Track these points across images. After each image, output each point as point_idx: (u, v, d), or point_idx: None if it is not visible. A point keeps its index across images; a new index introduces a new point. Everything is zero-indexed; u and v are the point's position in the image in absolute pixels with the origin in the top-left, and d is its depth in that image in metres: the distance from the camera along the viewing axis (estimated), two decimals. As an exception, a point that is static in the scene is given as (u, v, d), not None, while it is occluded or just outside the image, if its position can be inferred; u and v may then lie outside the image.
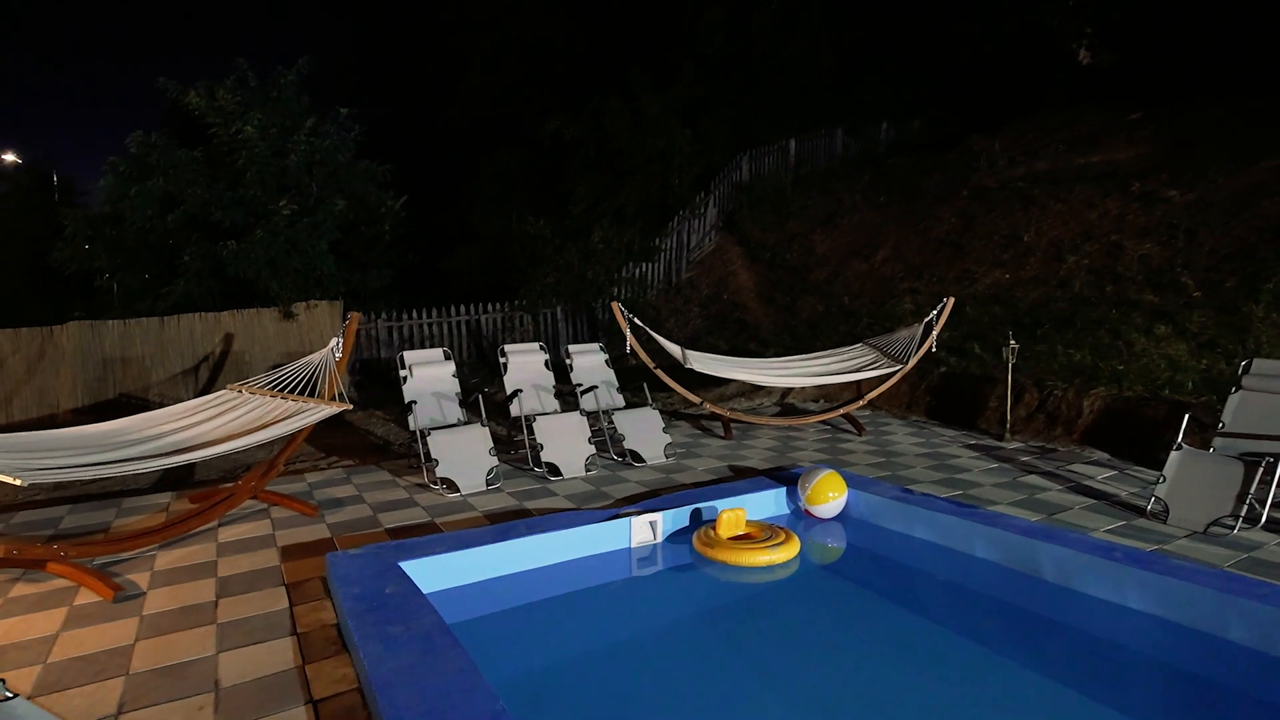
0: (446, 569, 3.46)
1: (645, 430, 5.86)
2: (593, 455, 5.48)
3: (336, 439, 6.91)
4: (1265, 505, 3.84)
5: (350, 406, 4.90)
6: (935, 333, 6.62)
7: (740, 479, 4.97)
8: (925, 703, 2.75)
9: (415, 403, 5.57)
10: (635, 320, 6.41)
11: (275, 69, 10.10)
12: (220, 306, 9.30)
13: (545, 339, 11.63)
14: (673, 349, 6.45)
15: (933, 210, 11.44)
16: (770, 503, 4.56)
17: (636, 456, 5.69)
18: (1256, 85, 10.42)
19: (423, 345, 11.13)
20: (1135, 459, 5.33)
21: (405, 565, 3.30)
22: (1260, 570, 3.29)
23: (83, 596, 3.30)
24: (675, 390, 6.56)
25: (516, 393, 5.88)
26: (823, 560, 4.23)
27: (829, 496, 4.33)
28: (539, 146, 15.73)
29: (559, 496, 4.84)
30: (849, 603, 3.77)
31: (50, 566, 3.39)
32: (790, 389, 8.29)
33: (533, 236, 12.19)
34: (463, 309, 11.63)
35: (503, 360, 6.15)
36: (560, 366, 6.42)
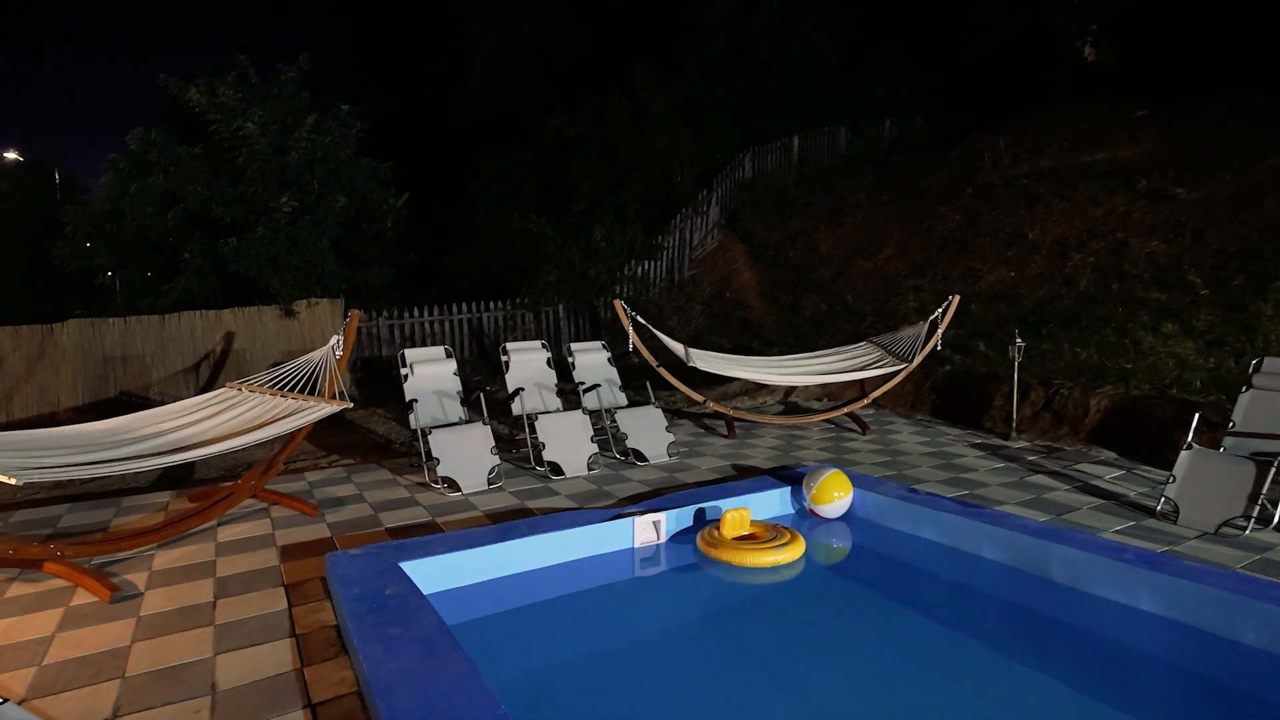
0: (447, 569, 3.42)
1: (648, 429, 5.81)
2: (595, 454, 5.44)
3: (337, 437, 6.87)
4: (1277, 506, 3.79)
5: (351, 405, 4.86)
6: (940, 331, 6.57)
7: (744, 478, 4.92)
8: (932, 705, 2.71)
9: (416, 401, 5.52)
10: (638, 318, 6.36)
11: (276, 66, 10.07)
12: (221, 304, 9.27)
13: (547, 337, 11.59)
14: (676, 347, 6.40)
15: (936, 208, 11.38)
16: (775, 502, 4.51)
17: (639, 455, 5.65)
18: (1262, 82, 10.34)
19: (424, 343, 11.08)
20: (1143, 458, 5.27)
21: (406, 566, 3.26)
22: (1273, 572, 3.24)
23: (80, 597, 3.26)
24: (678, 389, 6.51)
25: (518, 391, 5.84)
26: (828, 561, 4.18)
27: (834, 496, 4.28)
28: (541, 144, 15.69)
29: (561, 496, 4.80)
30: (855, 604, 3.73)
31: (47, 566, 3.35)
32: (794, 388, 8.24)
33: (535, 234, 12.14)
34: (464, 307, 11.59)
35: (504, 358, 6.10)
36: (562, 365, 6.38)
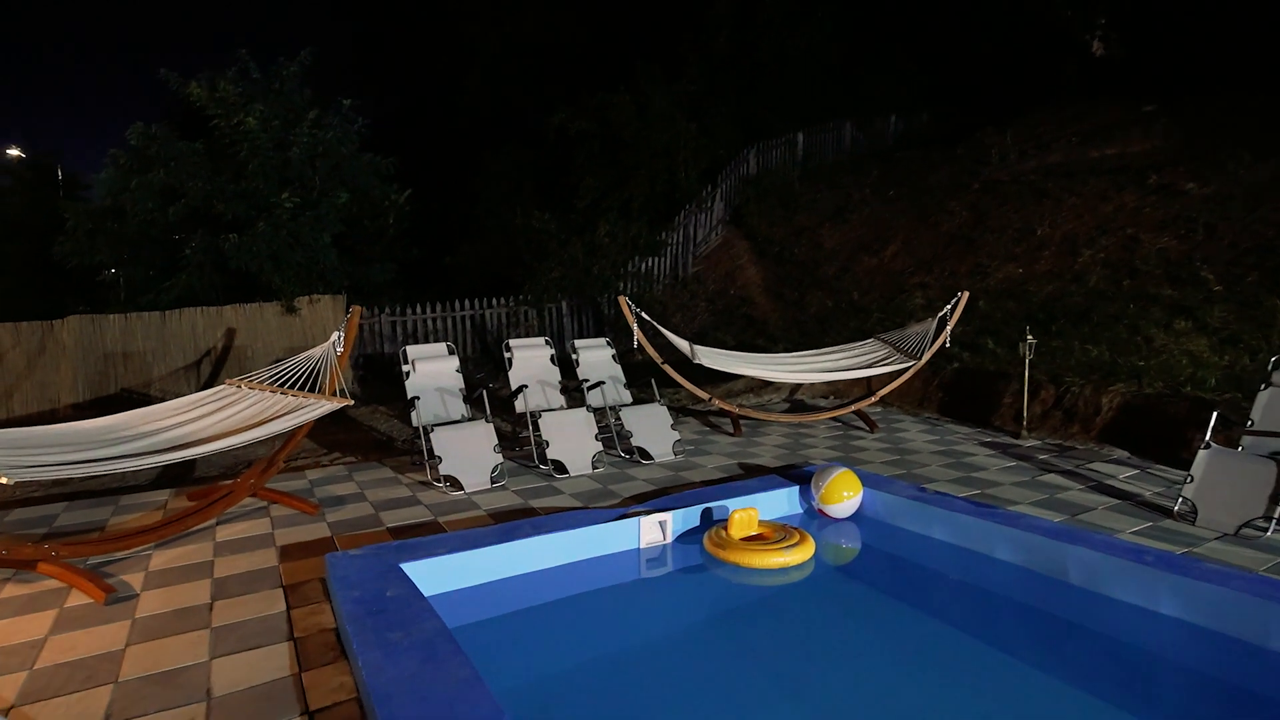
0: (449, 571, 3.35)
1: (653, 427, 5.73)
2: (600, 452, 5.36)
3: (339, 435, 6.81)
4: (1299, 507, 3.70)
5: (351, 402, 4.78)
6: (949, 327, 6.47)
7: (751, 477, 4.84)
8: (945, 711, 2.63)
9: (418, 398, 5.45)
10: (643, 314, 6.27)
11: (278, 61, 9.99)
12: (223, 300, 9.21)
13: (550, 334, 11.50)
14: (681, 344, 6.31)
15: (943, 204, 11.27)
16: (783, 502, 4.43)
17: (644, 454, 5.57)
18: (1273, 77, 10.21)
19: (427, 340, 11.01)
20: (1156, 457, 5.18)
21: (407, 567, 3.18)
22: (1297, 575, 3.16)
23: (74, 598, 3.19)
24: (683, 386, 6.43)
25: (522, 388, 5.76)
26: (837, 562, 4.10)
27: (844, 496, 4.19)
28: (544, 140, 15.59)
29: (565, 495, 4.72)
30: (865, 606, 3.64)
31: (41, 567, 3.28)
32: (799, 385, 8.15)
33: (538, 231, 12.06)
34: (467, 303, 11.51)
35: (508, 355, 6.02)
36: (566, 362, 6.30)
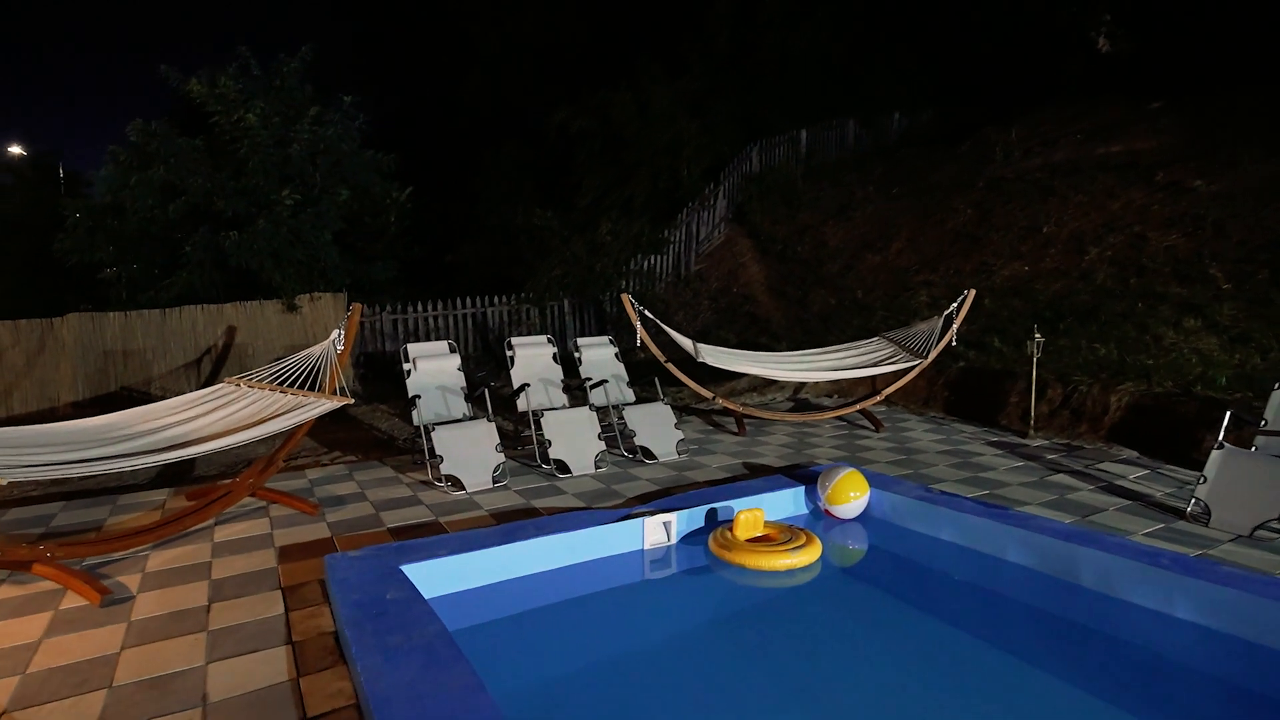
0: (450, 573, 3.29)
1: (657, 426, 5.67)
2: (603, 452, 5.30)
3: (340, 433, 6.75)
4: (1315, 508, 3.63)
5: (351, 401, 4.73)
6: (956, 326, 6.40)
7: (756, 477, 4.78)
8: (954, 716, 2.57)
9: (419, 397, 5.40)
10: (646, 312, 6.21)
11: (279, 57, 9.93)
12: (223, 298, 9.16)
13: (552, 332, 11.44)
14: (684, 342, 6.25)
15: (948, 201, 11.20)
16: (789, 502, 4.37)
17: (648, 453, 5.51)
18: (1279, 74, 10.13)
19: (428, 338, 10.95)
20: (1166, 457, 5.12)
21: (407, 569, 3.12)
22: (1316, 578, 3.09)
23: (69, 600, 3.13)
24: (687, 385, 6.37)
25: (524, 387, 5.70)
26: (844, 563, 4.04)
27: (850, 496, 4.13)
28: (545, 138, 15.54)
29: (568, 495, 4.67)
30: (873, 609, 3.58)
31: (36, 568, 3.23)
32: (803, 384, 8.09)
33: (539, 229, 12.01)
34: (468, 301, 11.45)
35: (509, 353, 5.96)
36: (568, 360, 6.24)
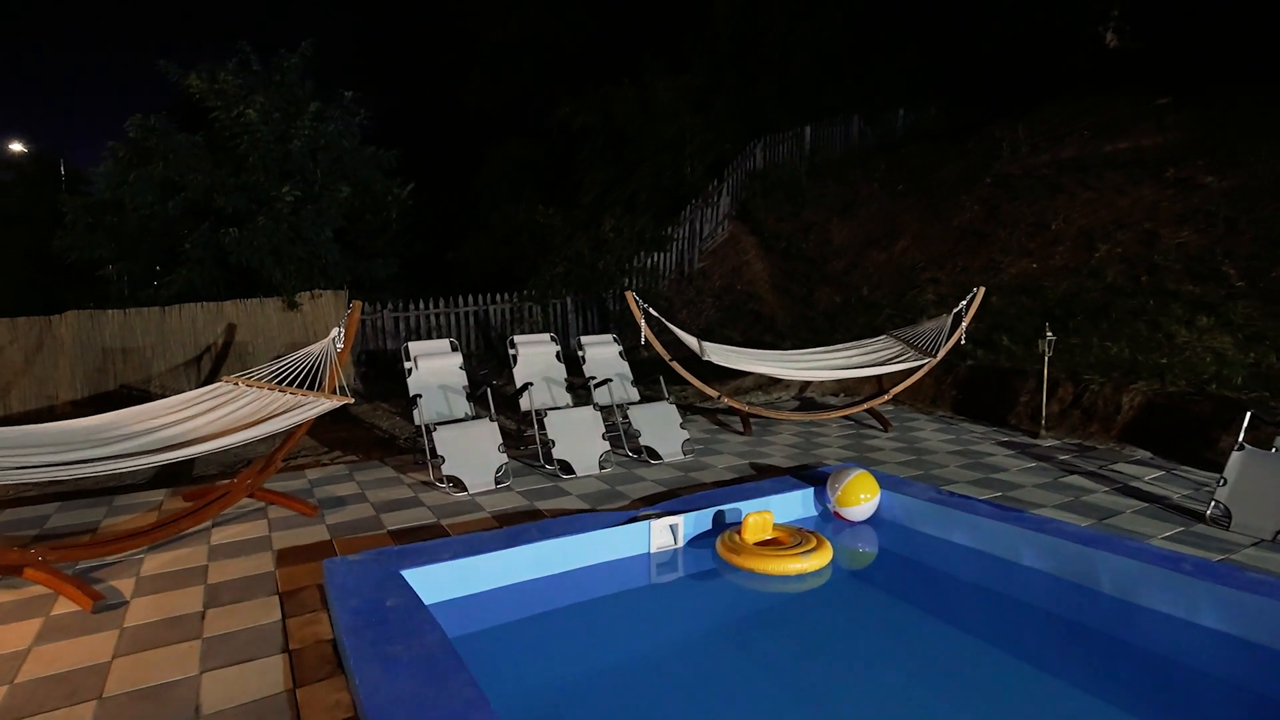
0: (452, 577, 3.20)
1: (662, 426, 5.59)
2: (607, 452, 5.21)
3: (340, 432, 6.67)
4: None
5: (351, 400, 4.64)
6: (965, 324, 6.31)
7: (764, 478, 4.69)
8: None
9: (420, 396, 5.32)
10: (650, 310, 6.12)
11: (279, 52, 9.84)
12: (223, 296, 9.08)
13: (555, 330, 11.35)
14: (689, 340, 6.16)
15: (954, 198, 11.08)
16: (797, 504, 4.28)
17: (653, 453, 5.42)
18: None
19: (429, 336, 10.85)
20: (1181, 458, 5.03)
21: (408, 574, 3.04)
22: (1344, 584, 2.99)
23: (61, 605, 3.05)
24: (691, 383, 6.28)
25: (526, 385, 5.61)
26: (855, 567, 3.95)
27: (861, 498, 4.04)
28: (548, 135, 15.45)
29: (572, 496, 4.58)
30: (884, 614, 3.49)
31: (27, 573, 3.15)
32: (809, 383, 8.00)
33: (542, 226, 11.91)
34: (470, 299, 11.35)
35: (512, 352, 5.87)
36: (571, 358, 6.15)
